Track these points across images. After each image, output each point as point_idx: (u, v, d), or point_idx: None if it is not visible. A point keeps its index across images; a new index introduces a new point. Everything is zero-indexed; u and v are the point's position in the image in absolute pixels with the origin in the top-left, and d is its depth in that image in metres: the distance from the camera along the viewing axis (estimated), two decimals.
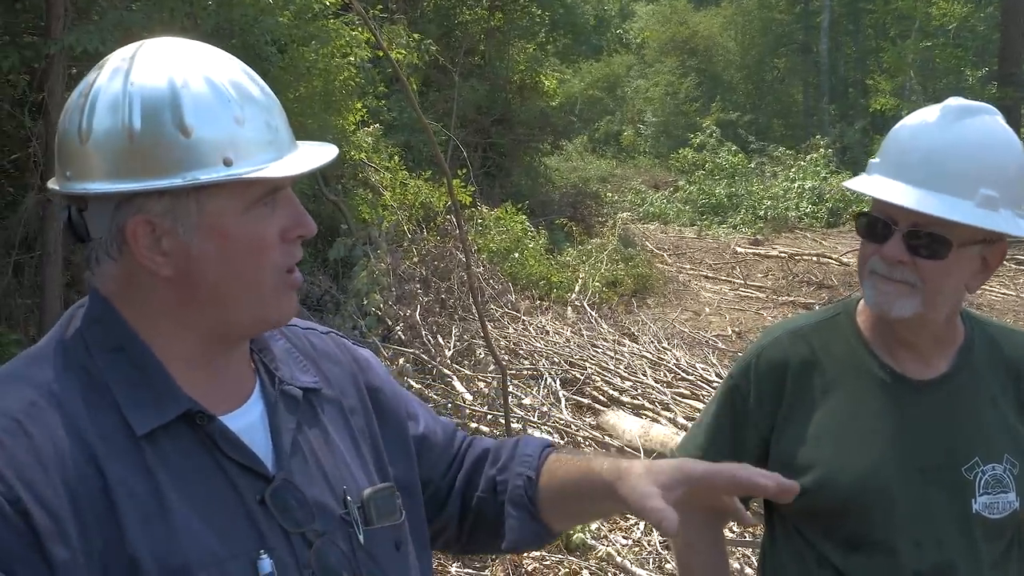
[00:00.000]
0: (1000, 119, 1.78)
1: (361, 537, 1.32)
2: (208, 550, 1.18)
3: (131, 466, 1.17)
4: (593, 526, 5.34)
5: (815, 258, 15.35)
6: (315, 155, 1.28)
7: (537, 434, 6.71)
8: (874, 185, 1.79)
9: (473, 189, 12.46)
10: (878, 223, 1.78)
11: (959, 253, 1.73)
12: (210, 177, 1.18)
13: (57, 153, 1.25)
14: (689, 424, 6.57)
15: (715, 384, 7.77)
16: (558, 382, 8.10)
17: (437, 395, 7.48)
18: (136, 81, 1.19)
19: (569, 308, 11.33)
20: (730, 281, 14.43)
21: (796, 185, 21.01)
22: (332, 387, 1.43)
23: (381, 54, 9.93)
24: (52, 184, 1.26)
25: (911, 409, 1.85)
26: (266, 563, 1.21)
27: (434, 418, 1.60)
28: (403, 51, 11.32)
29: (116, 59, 1.23)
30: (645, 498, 1.27)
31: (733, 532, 5.30)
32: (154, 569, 1.14)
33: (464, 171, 12.58)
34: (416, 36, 12.57)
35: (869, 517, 1.82)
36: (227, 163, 1.19)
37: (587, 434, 6.91)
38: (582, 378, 8.27)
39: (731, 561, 4.88)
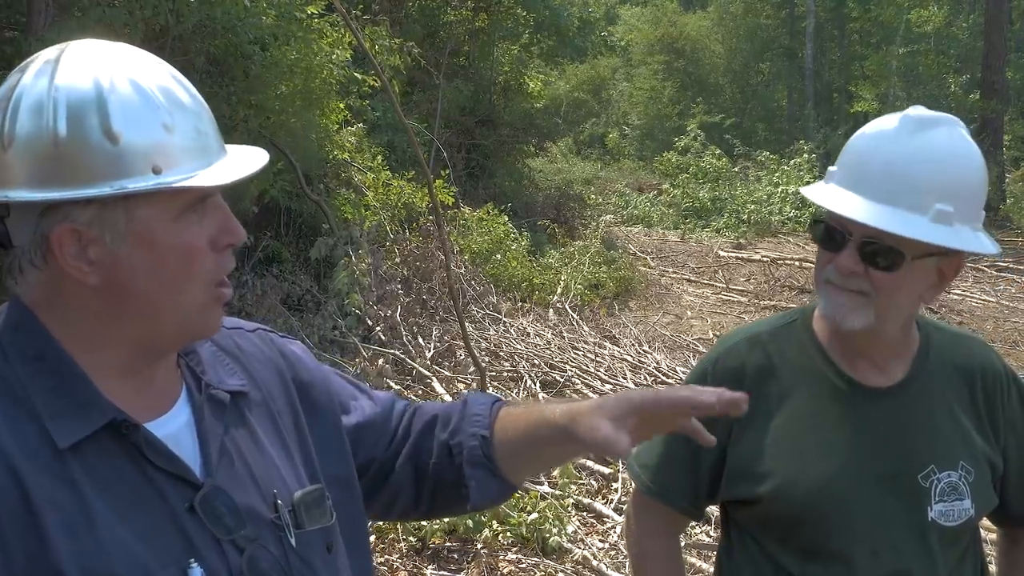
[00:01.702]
0: (963, 131, 1.77)
1: (292, 540, 1.30)
2: (137, 560, 1.15)
3: (54, 478, 1.14)
4: (569, 529, 5.33)
5: (797, 263, 15.35)
6: (245, 162, 1.26)
7: None
8: (829, 196, 1.77)
9: (456, 190, 12.44)
10: (834, 232, 1.77)
11: (913, 265, 1.72)
12: (139, 186, 1.15)
13: None
14: None
15: None
16: (538, 384, 8.08)
17: (416, 396, 7.46)
18: (61, 83, 1.15)
19: (551, 310, 11.30)
20: (712, 285, 14.45)
21: (779, 189, 21.01)
22: (259, 389, 1.40)
23: (364, 71, 9.96)
24: None
25: (867, 417, 1.85)
26: (196, 571, 1.18)
27: (369, 398, 1.58)
28: (385, 54, 11.31)
29: (40, 61, 1.20)
30: (595, 431, 1.30)
31: (710, 537, 5.31)
32: None
33: (447, 172, 12.56)
34: (398, 40, 12.56)
35: (826, 526, 1.81)
36: (156, 171, 1.16)
37: None
38: (562, 380, 8.25)
39: (705, 564, 4.89)
